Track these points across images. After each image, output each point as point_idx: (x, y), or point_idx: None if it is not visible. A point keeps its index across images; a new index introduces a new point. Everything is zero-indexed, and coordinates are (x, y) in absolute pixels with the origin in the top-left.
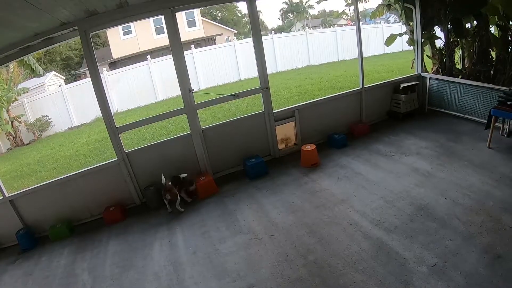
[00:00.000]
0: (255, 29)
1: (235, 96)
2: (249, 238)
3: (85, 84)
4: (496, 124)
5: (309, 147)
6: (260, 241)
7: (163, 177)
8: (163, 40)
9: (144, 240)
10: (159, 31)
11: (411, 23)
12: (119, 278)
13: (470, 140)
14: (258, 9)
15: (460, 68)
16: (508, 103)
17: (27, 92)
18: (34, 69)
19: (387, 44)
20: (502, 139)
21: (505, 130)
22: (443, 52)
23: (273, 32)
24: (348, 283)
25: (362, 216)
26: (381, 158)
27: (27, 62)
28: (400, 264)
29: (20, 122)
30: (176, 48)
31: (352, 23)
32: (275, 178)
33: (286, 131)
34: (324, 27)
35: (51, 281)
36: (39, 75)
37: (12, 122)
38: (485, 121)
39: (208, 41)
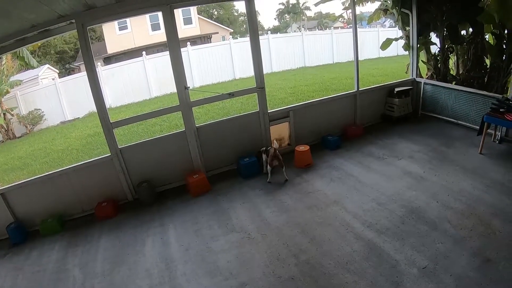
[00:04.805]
0: (252, 28)
1: (231, 95)
2: (242, 236)
3: (79, 78)
4: (488, 130)
5: (303, 147)
6: (253, 240)
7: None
8: (159, 36)
9: (136, 237)
10: (155, 27)
11: (407, 28)
12: (110, 274)
13: (462, 146)
14: (256, 9)
15: (454, 74)
16: (501, 110)
17: (20, 84)
18: (27, 61)
19: (382, 48)
20: (494, 146)
21: (497, 136)
22: (438, 57)
23: (269, 32)
24: (340, 283)
25: (354, 218)
26: (374, 160)
27: (21, 55)
28: (391, 265)
29: (12, 115)
30: (173, 45)
31: (348, 26)
32: (268, 178)
33: (280, 131)
34: (320, 29)
35: (41, 276)
36: (32, 67)
37: (4, 114)
38: (478, 127)
39: (203, 39)
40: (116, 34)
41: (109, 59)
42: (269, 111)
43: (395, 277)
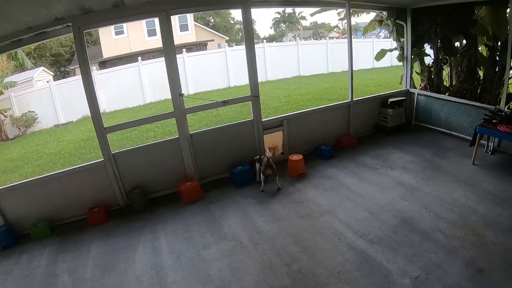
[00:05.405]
0: (248, 37)
1: (225, 103)
2: (234, 245)
3: (74, 81)
4: (481, 141)
5: (296, 157)
6: (245, 249)
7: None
8: (155, 42)
9: (127, 243)
10: (151, 33)
11: (401, 39)
12: (100, 281)
13: (455, 156)
14: (252, 17)
15: (447, 86)
16: (493, 121)
17: (14, 86)
18: (22, 62)
19: (377, 58)
20: (486, 156)
21: (489, 147)
22: (432, 69)
23: (264, 40)
24: None
25: (347, 227)
26: (367, 170)
27: (16, 56)
28: (383, 275)
29: (6, 116)
30: (169, 51)
31: (343, 36)
32: (261, 187)
33: (273, 140)
34: (316, 39)
35: (30, 280)
36: (26, 68)
37: None
38: (471, 138)
39: (199, 46)
40: (112, 39)
41: (104, 64)
42: (263, 120)
43: (387, 287)
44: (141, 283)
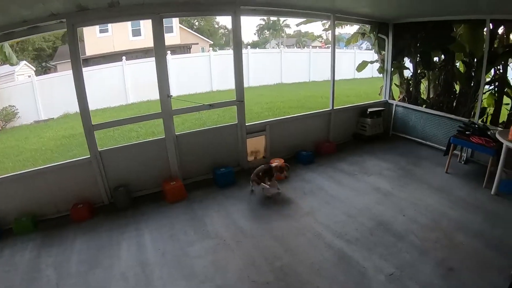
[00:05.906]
0: (236, 43)
1: (211, 106)
2: (217, 243)
3: (56, 78)
4: (454, 151)
5: (278, 161)
6: (228, 247)
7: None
8: (139, 42)
9: (111, 240)
10: (135, 33)
11: (382, 52)
12: (85, 276)
13: (430, 165)
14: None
15: (425, 98)
16: (466, 133)
17: None
18: (8, 57)
19: (358, 70)
20: (459, 166)
21: (462, 157)
22: (410, 82)
23: (249, 47)
24: None
25: (326, 228)
26: (345, 176)
27: (2, 50)
28: (360, 272)
29: None
30: (160, 53)
31: (326, 46)
32: (243, 188)
33: (256, 144)
34: (299, 47)
35: (13, 275)
36: (12, 64)
37: None
38: (445, 148)
39: (183, 48)
40: (96, 37)
41: (86, 61)
42: (247, 124)
43: (364, 282)
44: (126, 279)
